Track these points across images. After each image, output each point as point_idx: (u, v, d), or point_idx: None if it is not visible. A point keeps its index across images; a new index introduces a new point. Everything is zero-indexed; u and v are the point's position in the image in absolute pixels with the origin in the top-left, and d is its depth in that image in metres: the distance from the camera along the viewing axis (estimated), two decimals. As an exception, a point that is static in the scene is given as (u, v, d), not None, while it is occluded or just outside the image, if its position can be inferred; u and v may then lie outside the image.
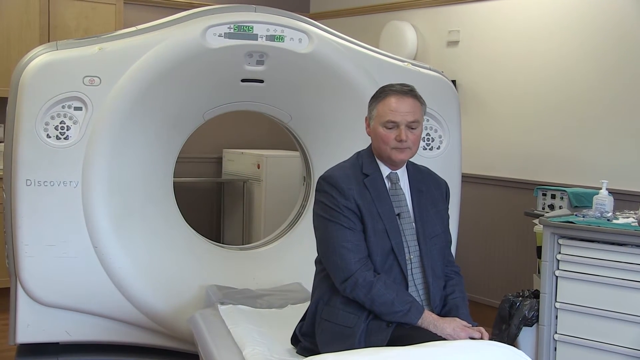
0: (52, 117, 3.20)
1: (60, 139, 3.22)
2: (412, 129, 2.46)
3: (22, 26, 4.55)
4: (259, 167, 5.12)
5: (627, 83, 4.09)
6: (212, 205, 5.58)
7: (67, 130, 3.23)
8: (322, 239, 2.47)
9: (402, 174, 2.55)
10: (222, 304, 3.16)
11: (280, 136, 5.05)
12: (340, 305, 2.42)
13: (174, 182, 3.69)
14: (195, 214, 4.45)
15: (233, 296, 3.27)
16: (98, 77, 3.25)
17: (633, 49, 4.05)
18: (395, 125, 2.45)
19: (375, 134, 2.50)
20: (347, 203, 2.42)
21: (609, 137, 4.17)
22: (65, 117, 3.22)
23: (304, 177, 4.05)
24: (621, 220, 3.41)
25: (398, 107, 2.45)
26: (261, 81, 3.54)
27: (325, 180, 2.49)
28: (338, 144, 3.64)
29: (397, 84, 2.53)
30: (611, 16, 4.13)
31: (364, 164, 2.51)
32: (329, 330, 2.41)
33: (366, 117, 2.55)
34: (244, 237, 5.20)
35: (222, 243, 4.77)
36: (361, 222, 2.43)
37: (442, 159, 3.71)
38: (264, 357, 2.48)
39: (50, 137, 3.20)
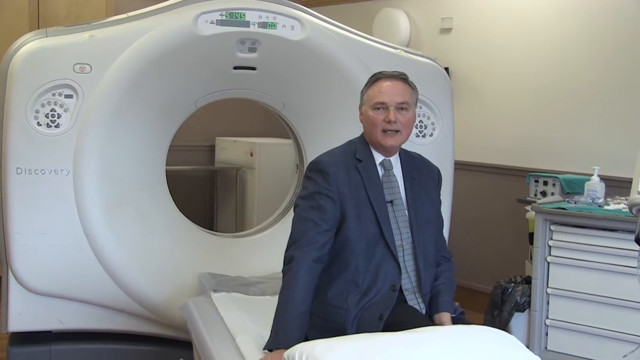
0: (43, 105, 3.18)
1: (51, 127, 3.20)
2: (402, 110, 2.46)
3: (11, 13, 4.52)
4: (252, 155, 5.11)
5: (620, 71, 4.09)
6: (205, 194, 5.57)
7: (58, 118, 3.21)
8: (295, 218, 2.48)
9: (395, 161, 2.55)
10: (215, 291, 3.16)
11: (273, 124, 5.05)
12: (327, 299, 2.41)
13: (166, 171, 3.67)
14: (188, 202, 4.45)
15: (226, 284, 3.27)
16: (89, 65, 3.23)
17: (626, 37, 4.05)
18: (384, 106, 2.45)
19: (365, 118, 2.50)
20: (329, 190, 2.41)
21: (601, 124, 4.18)
22: (55, 105, 3.20)
23: (297, 164, 4.05)
24: (612, 206, 3.42)
25: (387, 89, 2.45)
26: (253, 68, 3.53)
27: (312, 165, 2.50)
28: (331, 131, 3.63)
29: (390, 70, 2.53)
30: (605, 4, 4.13)
31: (357, 150, 2.51)
32: (319, 326, 2.40)
33: (359, 105, 2.55)
34: (237, 225, 5.20)
35: (215, 231, 4.76)
36: (341, 212, 2.42)
37: (434, 146, 3.70)
38: (257, 345, 2.48)
39: (40, 125, 3.18)
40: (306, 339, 2.43)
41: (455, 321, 2.46)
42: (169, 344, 3.53)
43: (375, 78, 2.51)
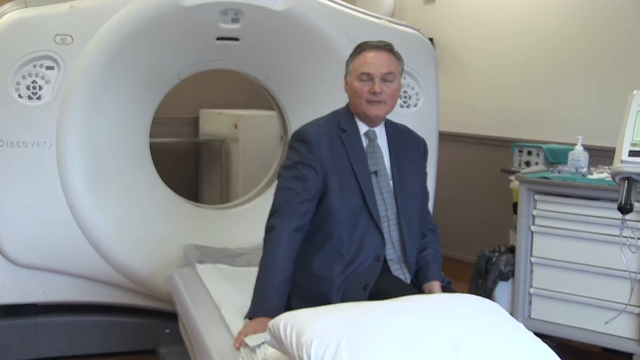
0: (24, 77, 3.15)
1: (32, 98, 3.17)
2: (388, 81, 2.45)
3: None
4: (236, 127, 5.09)
5: (603, 41, 4.09)
6: (190, 166, 5.55)
7: (40, 90, 3.18)
8: (277, 187, 2.48)
9: (380, 131, 2.54)
10: (200, 263, 3.17)
11: (257, 96, 5.02)
12: (312, 269, 2.42)
13: (150, 143, 3.66)
14: (172, 175, 4.43)
15: (211, 255, 3.28)
16: (70, 36, 3.20)
17: (610, 8, 4.04)
18: (369, 77, 2.43)
19: (351, 88, 2.49)
20: (312, 159, 2.41)
21: (585, 94, 4.19)
22: (37, 76, 3.17)
23: (281, 136, 4.04)
24: (596, 176, 3.44)
25: (373, 60, 2.44)
26: (236, 39, 3.50)
27: (296, 135, 2.50)
28: (314, 102, 3.63)
29: (375, 40, 2.51)
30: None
31: (341, 121, 2.50)
32: (304, 296, 2.40)
33: (344, 75, 2.54)
34: (222, 197, 5.19)
35: (200, 203, 4.76)
36: (324, 182, 2.42)
37: (419, 117, 3.71)
38: (241, 315, 2.48)
39: (22, 97, 3.16)
40: (291, 309, 2.45)
41: (444, 290, 2.48)
42: (154, 315, 3.54)
43: (361, 48, 2.49)
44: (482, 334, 1.85)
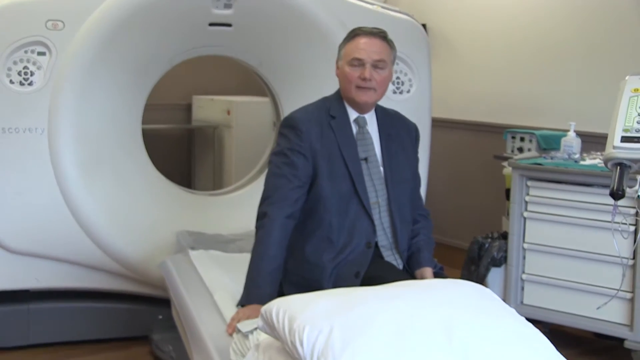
0: (15, 63, 3.13)
1: (24, 84, 3.16)
2: (379, 69, 2.44)
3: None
4: (229, 114, 5.08)
5: (596, 27, 4.09)
6: (183, 152, 5.54)
7: (31, 75, 3.16)
8: (268, 174, 2.48)
9: (371, 117, 2.54)
10: (192, 249, 3.17)
11: (250, 82, 5.01)
12: (304, 256, 2.42)
13: (143, 129, 3.64)
14: (165, 161, 4.42)
15: (204, 241, 3.27)
16: (61, 21, 3.18)
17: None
18: (360, 63, 2.42)
19: (341, 73, 2.48)
20: (301, 146, 2.40)
21: (577, 80, 4.19)
22: (28, 62, 3.15)
23: (274, 122, 4.04)
24: (588, 162, 3.46)
25: (365, 46, 2.42)
26: (229, 25, 3.49)
27: (285, 121, 2.49)
28: (307, 88, 3.61)
29: (369, 27, 2.50)
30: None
31: (331, 107, 2.49)
32: (296, 284, 2.40)
33: (336, 60, 2.53)
34: (215, 183, 5.19)
35: (193, 189, 4.75)
36: (314, 168, 2.42)
37: (411, 103, 3.70)
38: (234, 301, 2.49)
39: (13, 82, 3.14)
40: (283, 296, 2.45)
41: (436, 276, 2.48)
42: (146, 302, 3.54)
43: (354, 34, 2.48)
44: (474, 319, 1.86)
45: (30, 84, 3.16)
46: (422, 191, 2.96)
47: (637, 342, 3.23)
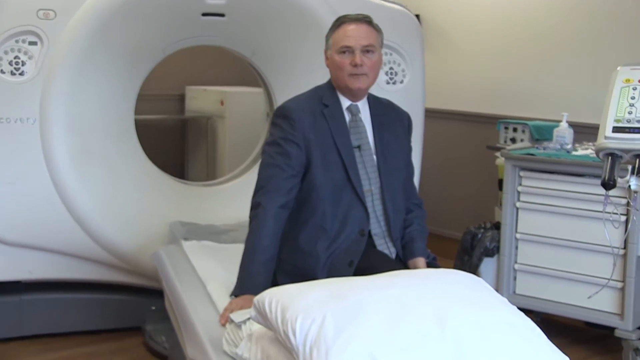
0: (6, 52, 3.11)
1: (15, 74, 3.14)
2: (368, 53, 2.44)
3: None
4: (222, 104, 5.07)
5: (588, 17, 4.10)
6: (176, 143, 5.53)
7: (23, 65, 3.15)
8: (261, 164, 2.48)
9: (363, 106, 2.54)
10: (186, 239, 3.16)
11: (243, 72, 5.00)
12: (298, 245, 2.42)
13: (136, 120, 3.63)
14: (158, 152, 4.41)
15: (197, 232, 3.27)
16: (53, 11, 3.16)
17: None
18: (349, 50, 2.43)
19: (332, 62, 2.48)
20: (294, 135, 2.41)
21: (570, 71, 4.20)
22: (19, 52, 3.14)
23: (267, 113, 4.03)
24: (580, 152, 3.46)
25: (352, 33, 2.43)
26: (222, 15, 3.48)
27: (278, 111, 2.49)
28: (301, 78, 3.60)
29: (354, 14, 2.51)
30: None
31: (324, 96, 2.50)
32: (289, 273, 2.41)
33: (325, 50, 2.53)
34: (208, 174, 5.18)
35: (186, 180, 4.74)
36: (307, 157, 2.42)
37: (405, 93, 3.70)
38: (228, 292, 2.49)
39: (4, 72, 3.12)
40: (277, 286, 2.45)
41: (429, 266, 2.49)
42: (139, 292, 3.54)
43: (340, 22, 2.49)
44: (466, 308, 1.86)
45: (21, 73, 3.15)
46: (415, 181, 2.96)
47: (628, 331, 3.25)
